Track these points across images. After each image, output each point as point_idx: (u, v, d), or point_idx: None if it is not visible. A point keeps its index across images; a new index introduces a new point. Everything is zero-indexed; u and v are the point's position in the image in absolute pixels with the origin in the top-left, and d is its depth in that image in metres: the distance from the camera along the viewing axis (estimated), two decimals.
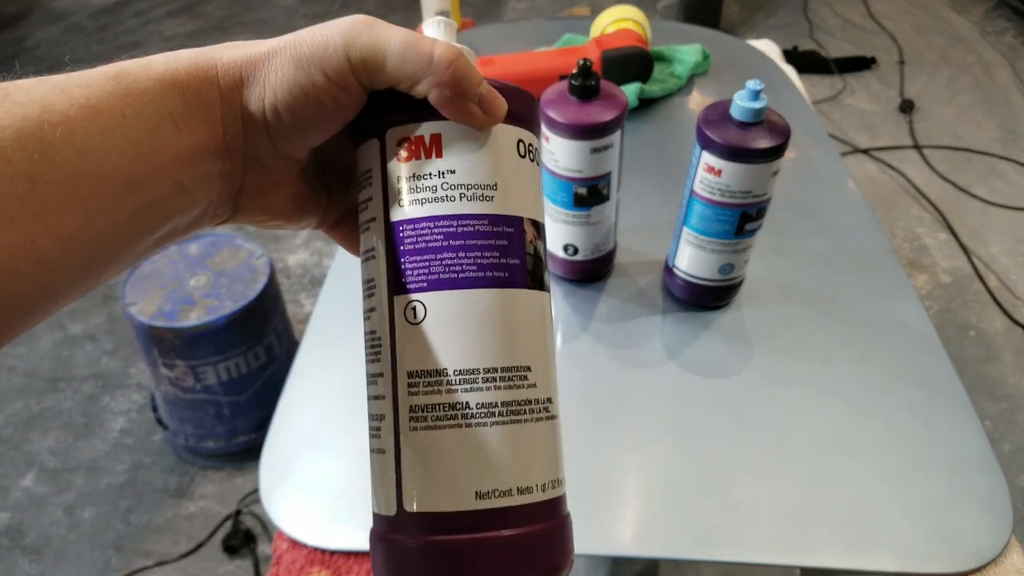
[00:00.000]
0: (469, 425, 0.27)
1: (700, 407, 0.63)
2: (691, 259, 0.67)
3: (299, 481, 0.59)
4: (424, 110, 0.28)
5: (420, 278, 0.28)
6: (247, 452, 1.46)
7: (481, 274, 0.28)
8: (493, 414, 0.28)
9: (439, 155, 0.28)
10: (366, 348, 0.30)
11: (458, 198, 0.28)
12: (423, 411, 0.27)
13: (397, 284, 0.28)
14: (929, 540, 0.53)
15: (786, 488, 0.57)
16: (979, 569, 0.52)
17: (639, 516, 0.56)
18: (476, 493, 0.27)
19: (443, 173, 0.28)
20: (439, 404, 0.27)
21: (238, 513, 1.38)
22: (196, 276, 1.33)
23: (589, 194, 0.65)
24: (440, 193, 0.28)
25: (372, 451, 0.30)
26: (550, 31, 1.18)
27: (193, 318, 1.25)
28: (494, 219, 0.28)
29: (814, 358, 0.67)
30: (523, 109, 0.30)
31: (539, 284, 0.30)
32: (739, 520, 0.55)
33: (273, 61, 0.27)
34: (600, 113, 0.61)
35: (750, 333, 0.69)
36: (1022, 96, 2.46)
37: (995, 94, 2.47)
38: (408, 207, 0.28)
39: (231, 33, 2.94)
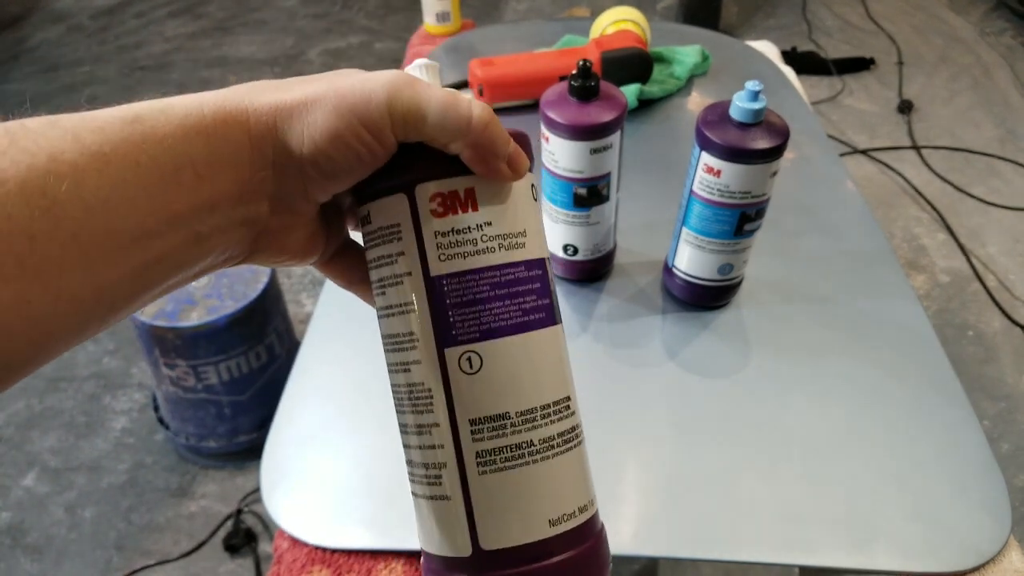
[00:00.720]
0: (536, 461, 0.29)
1: (699, 406, 0.63)
2: (690, 259, 0.67)
3: (300, 480, 0.60)
4: (454, 165, 0.29)
5: (472, 329, 0.29)
6: (248, 451, 1.47)
7: (526, 318, 0.30)
8: (553, 446, 0.30)
9: (475, 209, 0.29)
10: (404, 398, 0.31)
11: (497, 248, 0.29)
12: (491, 455, 0.29)
13: (446, 337, 0.29)
14: (928, 539, 0.53)
15: (785, 487, 0.57)
16: (977, 568, 0.52)
17: (639, 515, 0.56)
18: (549, 521, 0.29)
19: (481, 226, 0.29)
20: (506, 447, 0.29)
21: (239, 512, 1.38)
22: None
23: (589, 194, 0.66)
24: (481, 246, 0.29)
25: (426, 497, 0.31)
26: (550, 32, 1.18)
27: (194, 318, 1.25)
28: (528, 264, 0.30)
29: (813, 358, 0.67)
30: (528, 153, 0.31)
31: (559, 318, 0.32)
32: (738, 519, 0.55)
33: (314, 110, 0.27)
34: (600, 114, 0.61)
35: (749, 333, 0.69)
36: (1021, 96, 2.46)
37: (994, 94, 2.48)
38: (450, 261, 0.29)
39: (232, 34, 2.94)
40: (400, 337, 0.30)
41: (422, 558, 0.32)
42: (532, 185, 0.32)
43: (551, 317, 0.31)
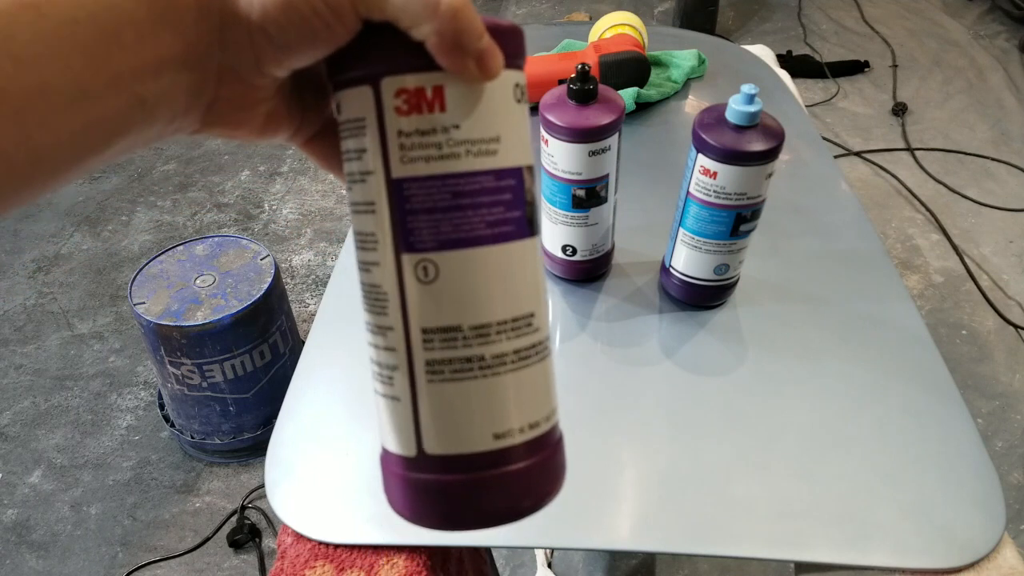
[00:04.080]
0: (485, 376, 0.28)
1: (696, 404, 0.63)
2: (687, 259, 0.68)
3: (304, 476, 0.59)
4: (424, 57, 0.26)
5: (429, 237, 0.27)
6: (252, 448, 1.48)
7: (489, 231, 0.28)
8: (506, 363, 0.29)
9: (442, 109, 0.27)
10: (366, 298, 0.30)
11: (463, 154, 0.27)
12: (439, 365, 0.28)
13: (405, 242, 0.28)
14: (922, 536, 0.53)
15: (780, 484, 0.57)
16: (972, 565, 0.52)
17: (636, 511, 0.56)
18: (493, 435, 0.29)
19: (447, 129, 0.27)
20: (455, 358, 0.28)
21: (243, 508, 1.39)
22: (202, 276, 1.35)
23: (587, 196, 0.66)
24: (446, 150, 0.27)
25: (382, 395, 0.30)
26: (549, 36, 1.18)
27: (199, 317, 1.27)
28: (498, 173, 0.28)
29: (808, 357, 0.67)
30: (515, 49, 0.29)
31: (535, 229, 0.30)
32: (734, 515, 0.55)
33: None
34: (598, 117, 0.62)
35: (745, 332, 0.69)
36: (1014, 99, 2.48)
37: (987, 97, 2.49)
38: (412, 164, 0.27)
39: None
40: (365, 236, 0.29)
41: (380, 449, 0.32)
42: (516, 85, 0.29)
43: (522, 230, 0.29)
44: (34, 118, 0.21)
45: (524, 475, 0.30)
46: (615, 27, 1.06)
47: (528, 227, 0.29)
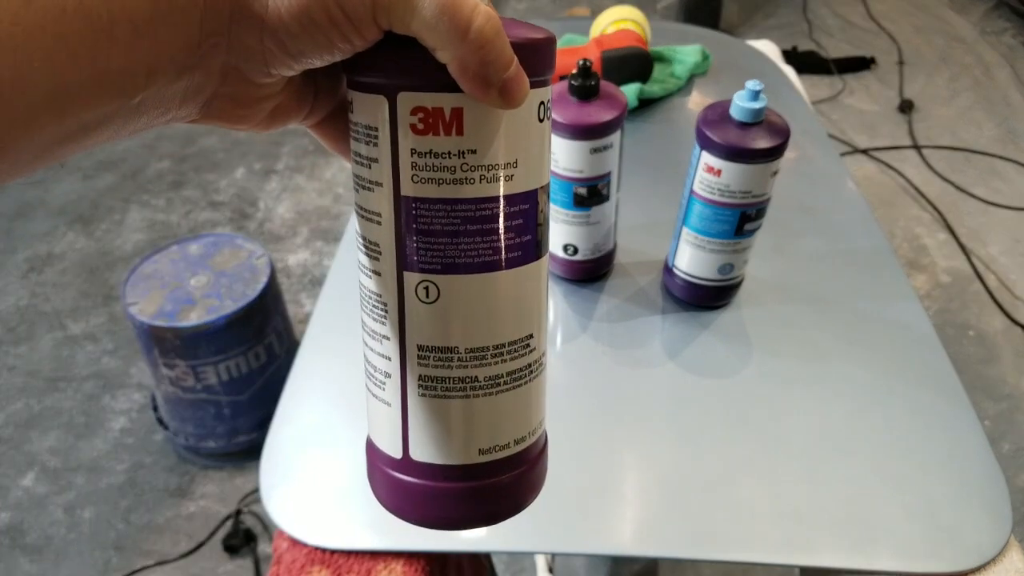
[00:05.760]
0: (477, 396, 0.29)
1: (700, 407, 0.63)
2: (691, 259, 0.67)
3: (299, 480, 0.60)
4: (445, 77, 0.25)
5: (434, 260, 0.27)
6: (247, 452, 1.47)
7: (497, 257, 0.27)
8: (499, 384, 0.29)
9: (459, 132, 0.26)
10: (365, 301, 0.30)
11: (478, 180, 0.26)
12: (432, 381, 0.28)
13: (408, 261, 0.27)
14: (928, 539, 0.53)
15: (785, 487, 0.57)
16: (978, 568, 0.52)
17: (639, 516, 0.56)
18: (479, 450, 0.29)
19: (463, 153, 0.26)
20: (449, 378, 0.28)
21: (238, 513, 1.38)
22: (196, 276, 1.34)
23: (589, 194, 0.65)
24: (459, 175, 0.26)
25: (374, 396, 0.31)
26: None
27: (193, 318, 1.25)
28: (512, 199, 0.27)
29: (813, 358, 0.67)
30: (545, 65, 0.27)
31: (544, 250, 0.29)
32: (739, 519, 0.55)
33: None
34: (600, 113, 0.61)
35: (749, 333, 0.69)
36: (1021, 96, 2.46)
37: (994, 94, 2.48)
38: (423, 185, 0.26)
39: None
40: (369, 243, 0.29)
41: (366, 438, 0.33)
42: (543, 104, 0.28)
43: (529, 254, 0.28)
44: (4, 112, 0.19)
45: (505, 486, 0.30)
46: (617, 22, 1.05)
47: (536, 250, 0.29)
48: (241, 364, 1.34)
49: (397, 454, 0.30)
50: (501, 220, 0.27)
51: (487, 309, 0.28)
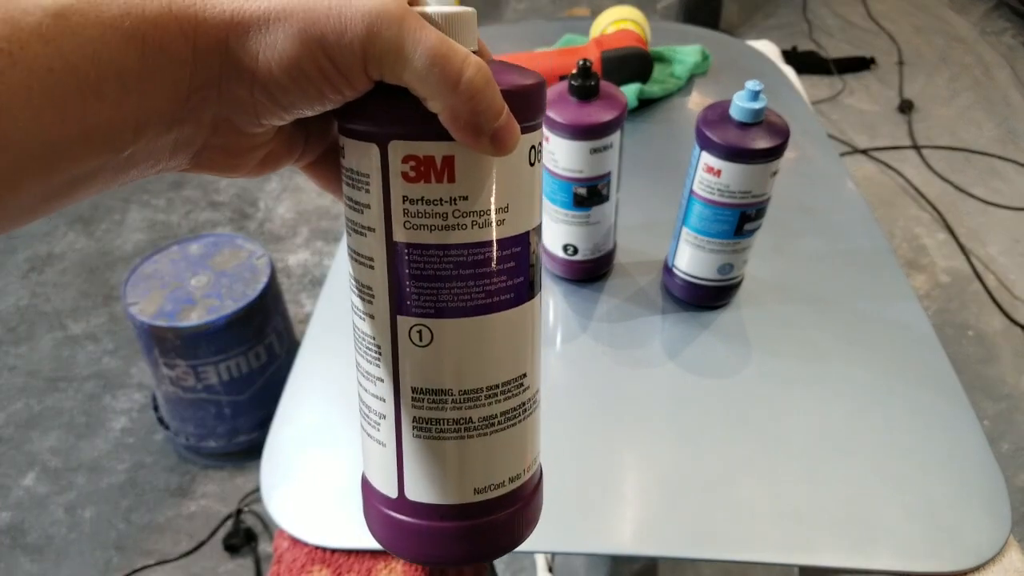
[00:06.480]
0: (471, 437, 0.29)
1: (700, 407, 0.63)
2: (690, 259, 0.67)
3: (300, 480, 0.60)
4: (436, 126, 0.25)
5: (427, 304, 0.27)
6: (248, 451, 1.47)
7: (490, 300, 0.28)
8: (493, 424, 0.29)
9: (451, 180, 0.26)
10: (358, 342, 0.30)
11: (470, 226, 0.26)
12: (427, 423, 0.29)
13: (401, 305, 0.27)
14: (928, 539, 0.53)
15: (785, 487, 0.57)
16: (977, 568, 0.52)
17: (638, 515, 0.56)
18: (474, 490, 0.30)
19: (455, 200, 0.26)
20: (443, 419, 0.28)
21: (239, 512, 1.38)
22: (197, 276, 1.34)
23: (589, 194, 0.65)
24: (451, 221, 0.26)
25: (369, 436, 0.31)
26: (550, 32, 1.18)
27: (194, 318, 1.25)
28: (504, 242, 0.27)
29: (813, 358, 0.67)
30: (535, 110, 0.28)
31: (536, 291, 0.30)
32: (738, 519, 0.55)
33: (276, 30, 0.22)
34: (600, 113, 0.61)
35: (749, 333, 0.69)
36: (1021, 96, 2.46)
37: (994, 94, 2.48)
38: (415, 231, 0.26)
39: None
40: (361, 287, 0.29)
41: (361, 475, 0.33)
42: (534, 148, 0.28)
43: (522, 295, 0.29)
44: None
45: (502, 524, 0.31)
46: (617, 22, 1.05)
47: (529, 291, 0.29)
48: (241, 364, 1.34)
49: (392, 493, 0.30)
50: (493, 264, 0.27)
51: (481, 351, 0.28)
